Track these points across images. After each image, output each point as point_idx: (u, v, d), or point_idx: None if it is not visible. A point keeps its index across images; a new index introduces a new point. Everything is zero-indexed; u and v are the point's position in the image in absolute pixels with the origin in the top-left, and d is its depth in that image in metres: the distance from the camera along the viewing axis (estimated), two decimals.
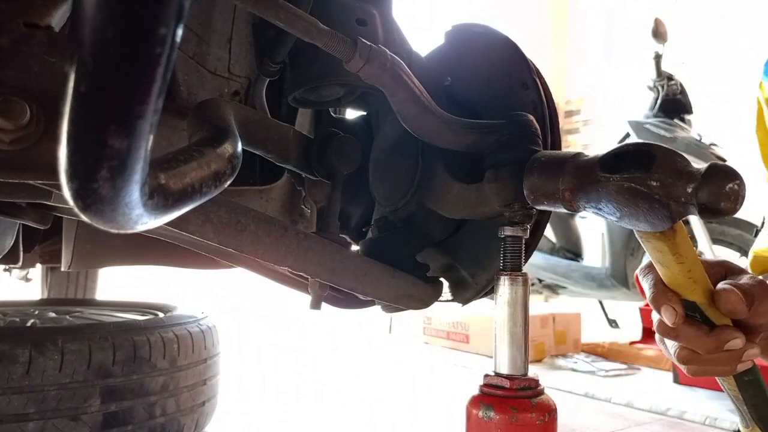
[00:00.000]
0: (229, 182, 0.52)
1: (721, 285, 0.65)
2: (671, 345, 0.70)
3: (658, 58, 3.48)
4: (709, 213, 0.52)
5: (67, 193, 0.32)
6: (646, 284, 0.69)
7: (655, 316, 0.70)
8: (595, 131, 6.56)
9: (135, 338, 1.30)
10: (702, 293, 0.65)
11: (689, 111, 3.51)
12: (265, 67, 0.88)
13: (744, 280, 0.68)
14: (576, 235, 4.24)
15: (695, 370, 0.70)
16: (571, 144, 6.73)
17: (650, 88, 3.57)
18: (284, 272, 0.98)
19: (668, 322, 0.66)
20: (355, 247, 0.94)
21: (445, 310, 3.34)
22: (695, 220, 3.45)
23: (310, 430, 1.85)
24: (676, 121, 3.44)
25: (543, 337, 3.07)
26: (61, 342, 1.20)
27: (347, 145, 0.85)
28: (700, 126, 3.51)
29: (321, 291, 0.78)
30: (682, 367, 0.71)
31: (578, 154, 0.62)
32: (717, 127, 3.86)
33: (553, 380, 2.52)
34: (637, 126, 3.69)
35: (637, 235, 0.64)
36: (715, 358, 0.67)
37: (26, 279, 2.52)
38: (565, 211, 0.62)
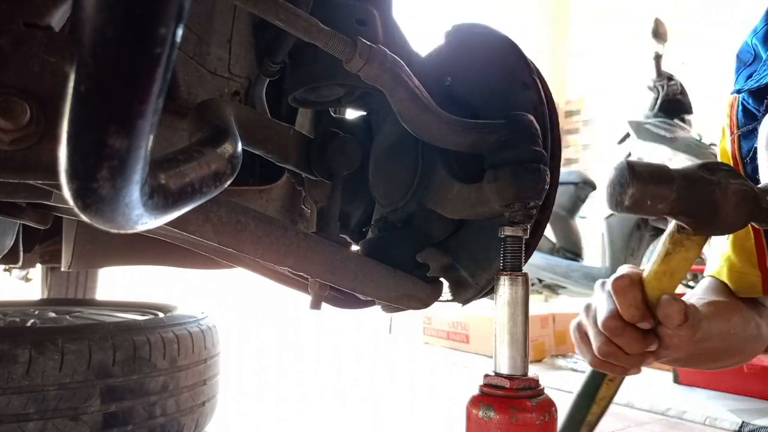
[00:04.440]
0: (229, 182, 0.52)
1: (666, 296, 0.74)
2: (594, 338, 0.79)
3: (658, 58, 3.48)
4: None
5: (67, 193, 0.32)
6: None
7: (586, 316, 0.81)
8: (595, 131, 6.56)
9: (135, 338, 1.30)
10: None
11: (689, 111, 3.51)
12: (265, 67, 0.88)
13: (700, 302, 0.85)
14: (576, 235, 4.24)
15: (600, 363, 0.81)
16: (571, 144, 6.74)
17: (650, 89, 3.57)
18: (284, 272, 0.98)
19: (627, 315, 0.75)
20: (355, 247, 0.93)
21: (445, 310, 3.34)
22: None
23: (309, 430, 1.85)
24: (676, 121, 3.43)
25: (543, 337, 3.07)
26: (61, 342, 1.20)
27: (347, 145, 0.85)
28: (700, 126, 3.50)
29: (321, 291, 0.78)
30: (587, 358, 0.82)
31: None
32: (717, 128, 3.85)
33: (554, 380, 2.52)
34: (637, 126, 3.69)
35: (670, 231, 0.74)
36: (631, 359, 0.78)
37: (26, 279, 2.53)
38: None
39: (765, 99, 1.00)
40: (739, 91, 1.05)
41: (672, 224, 0.74)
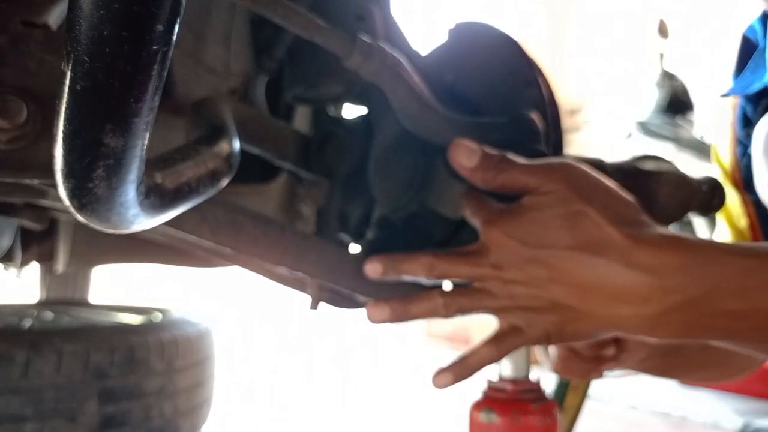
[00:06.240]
0: (226, 181, 0.51)
1: None
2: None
3: (661, 57, 3.50)
4: None
5: (62, 192, 0.32)
6: None
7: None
8: (596, 130, 6.58)
9: (132, 340, 1.29)
10: None
11: (691, 109, 3.52)
12: (264, 64, 0.87)
13: None
14: None
15: (559, 368, 0.76)
16: (573, 143, 6.75)
17: (657, 86, 3.58)
18: (282, 271, 0.98)
19: None
20: (355, 247, 0.93)
21: None
22: (699, 221, 3.45)
23: (309, 430, 1.84)
24: (677, 119, 3.45)
25: None
26: (58, 343, 1.20)
27: (346, 144, 0.84)
28: (699, 126, 3.51)
29: (320, 291, 0.77)
30: (547, 364, 0.77)
31: None
32: (716, 128, 3.86)
33: None
34: (640, 126, 3.69)
35: None
36: (586, 365, 0.75)
37: (18, 276, 2.51)
38: None
39: (759, 105, 1.00)
40: (725, 95, 1.05)
41: None
